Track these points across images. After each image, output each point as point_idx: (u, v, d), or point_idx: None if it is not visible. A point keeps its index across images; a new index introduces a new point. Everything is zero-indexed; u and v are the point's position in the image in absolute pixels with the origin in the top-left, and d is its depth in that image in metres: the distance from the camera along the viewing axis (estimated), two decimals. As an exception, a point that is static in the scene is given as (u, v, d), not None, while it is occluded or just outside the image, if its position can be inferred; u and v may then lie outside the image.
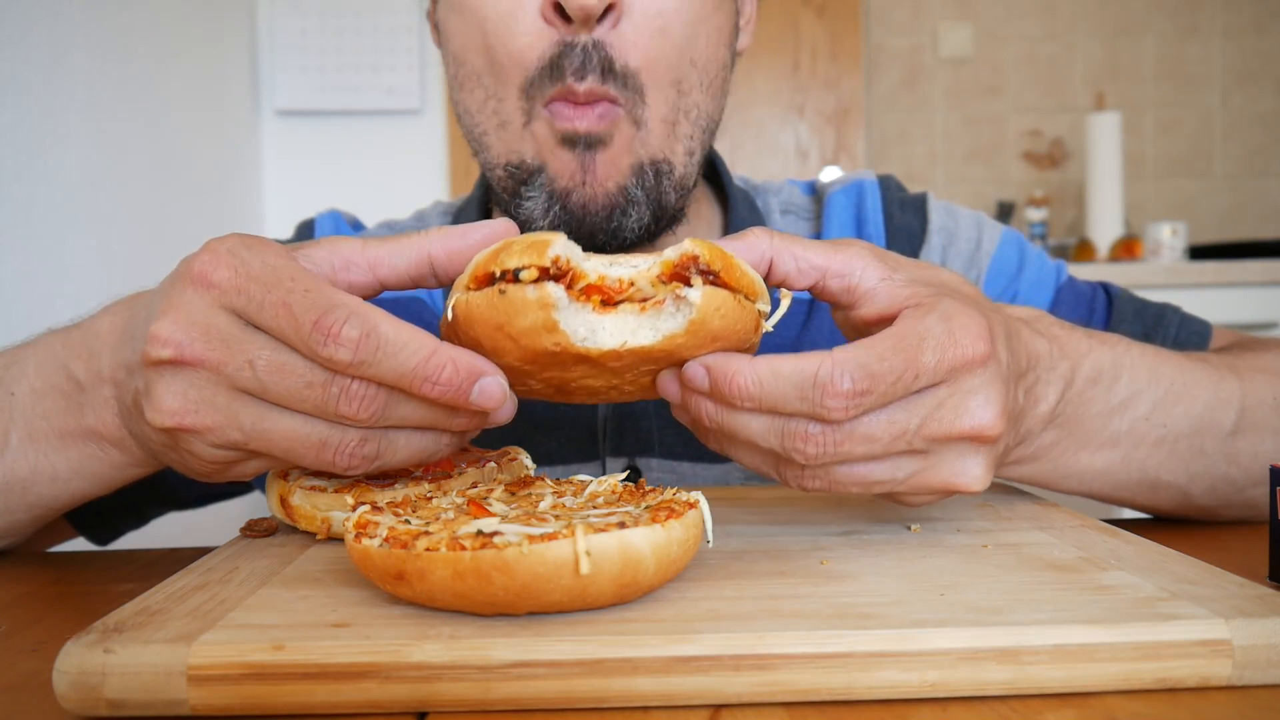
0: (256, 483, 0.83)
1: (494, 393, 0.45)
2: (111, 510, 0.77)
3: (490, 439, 0.77)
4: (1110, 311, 0.81)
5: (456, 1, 0.69)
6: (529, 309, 0.42)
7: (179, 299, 0.45)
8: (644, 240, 0.71)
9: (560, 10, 0.65)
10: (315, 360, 0.43)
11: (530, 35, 0.66)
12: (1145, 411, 0.60)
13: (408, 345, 0.43)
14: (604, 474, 0.76)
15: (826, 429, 0.45)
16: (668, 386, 0.48)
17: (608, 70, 0.66)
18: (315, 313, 0.42)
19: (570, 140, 0.67)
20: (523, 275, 0.42)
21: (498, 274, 0.43)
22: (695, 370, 0.46)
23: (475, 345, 0.45)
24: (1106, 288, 0.83)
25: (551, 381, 0.48)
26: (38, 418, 0.56)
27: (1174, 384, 0.61)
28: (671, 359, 0.46)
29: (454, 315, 0.45)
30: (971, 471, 0.47)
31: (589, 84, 0.66)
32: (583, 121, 0.67)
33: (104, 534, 0.78)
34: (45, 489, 0.58)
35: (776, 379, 0.44)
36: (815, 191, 0.90)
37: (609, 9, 0.65)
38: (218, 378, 0.44)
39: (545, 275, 0.42)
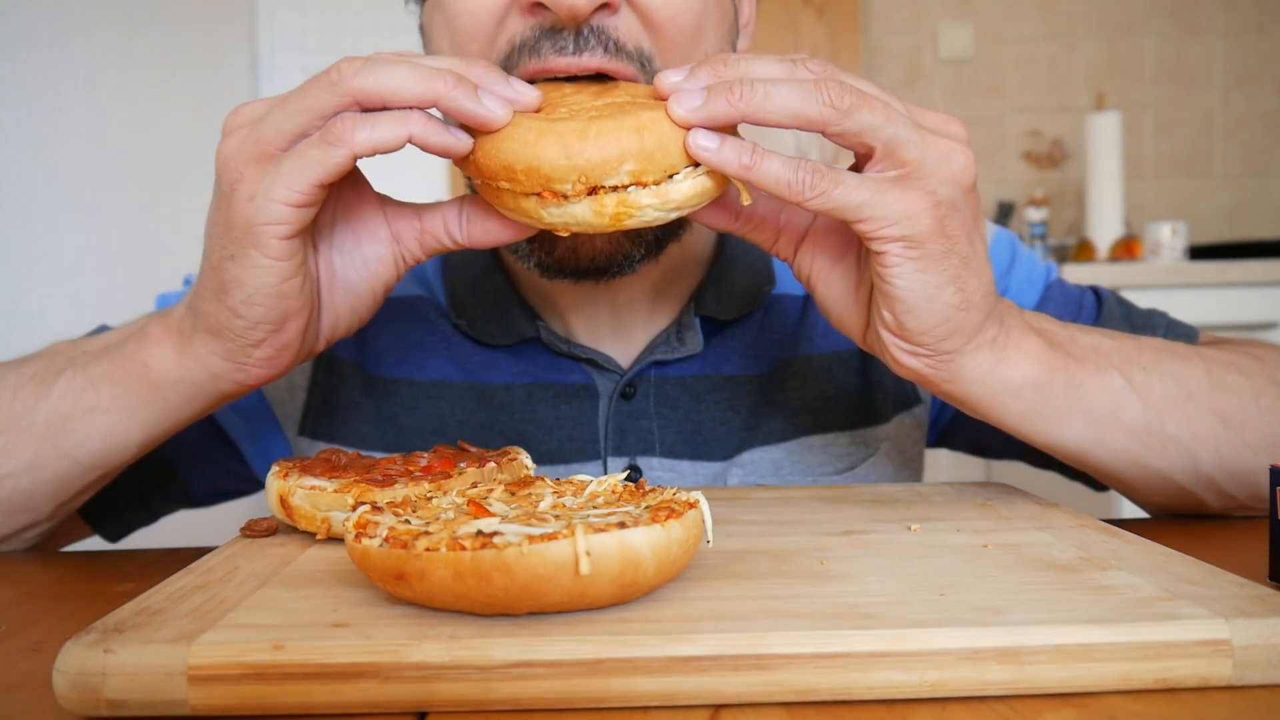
0: (256, 456, 0.83)
1: (526, 85, 0.52)
2: (122, 503, 0.77)
3: (491, 439, 0.77)
4: (1099, 312, 0.81)
5: (439, 3, 0.67)
6: None
7: None
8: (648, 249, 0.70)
9: (542, 6, 0.60)
10: None
11: (505, 28, 0.63)
12: (1115, 355, 0.61)
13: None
14: (605, 473, 0.76)
15: (823, 63, 0.50)
16: (675, 73, 0.51)
17: (611, 47, 0.61)
18: None
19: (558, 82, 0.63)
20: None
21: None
22: (687, 80, 0.51)
23: None
24: (1096, 290, 0.84)
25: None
26: (97, 357, 0.61)
27: (1126, 339, 0.63)
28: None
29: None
30: (951, 132, 0.52)
31: (588, 59, 0.61)
32: (575, 66, 0.62)
33: (114, 529, 0.79)
34: (82, 424, 0.60)
35: (750, 54, 0.51)
36: None
37: (603, 5, 0.60)
38: (267, 105, 0.52)
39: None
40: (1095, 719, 0.35)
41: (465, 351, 0.79)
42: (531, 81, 0.61)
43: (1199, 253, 2.64)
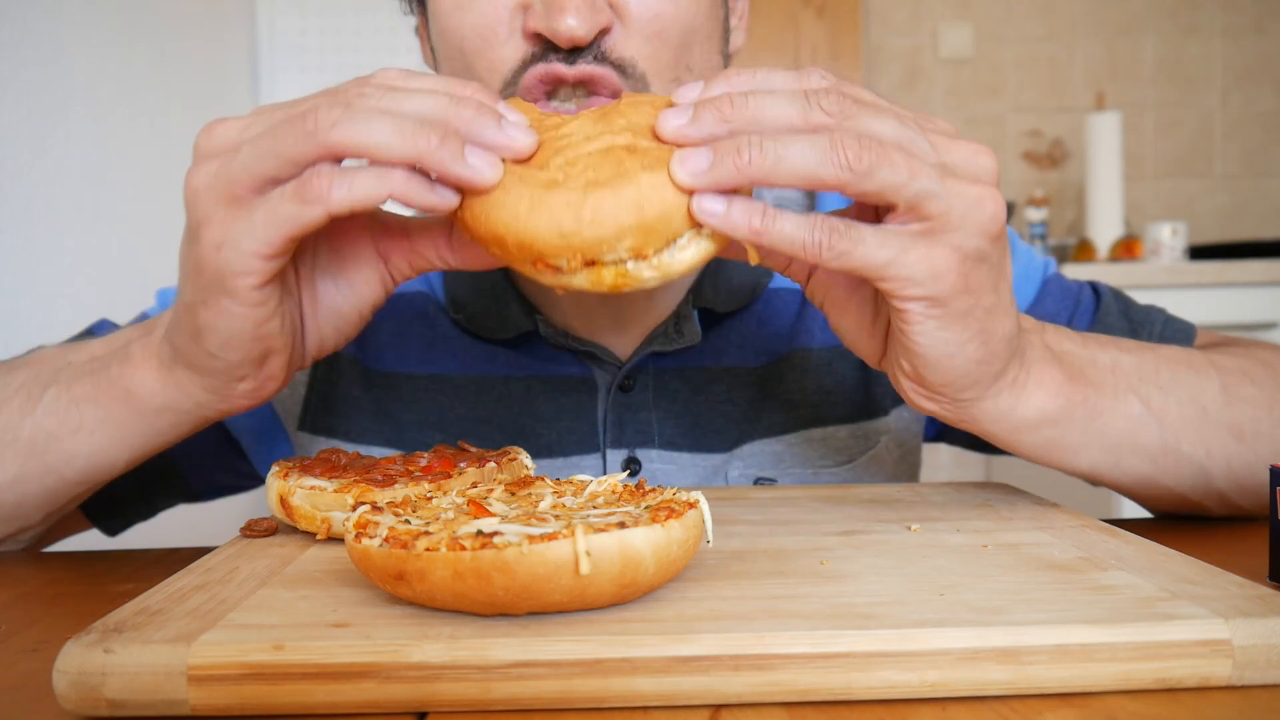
0: (257, 452, 0.83)
1: (517, 113, 0.49)
2: (122, 498, 0.77)
3: (491, 433, 0.77)
4: (1096, 308, 0.81)
5: (439, 26, 0.68)
6: None
7: None
8: None
9: (542, 35, 0.62)
10: (363, 85, 0.48)
11: (508, 47, 0.64)
12: (1134, 373, 0.60)
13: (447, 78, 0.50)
14: (604, 465, 0.76)
15: (838, 93, 0.46)
16: (677, 115, 0.47)
17: (603, 58, 0.63)
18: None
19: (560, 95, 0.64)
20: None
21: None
22: (687, 91, 0.48)
23: None
24: (1095, 286, 0.84)
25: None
26: (83, 375, 0.60)
27: (1144, 354, 0.61)
28: None
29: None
30: (978, 169, 0.48)
31: (580, 68, 0.63)
32: (574, 80, 0.63)
33: (114, 523, 0.79)
34: (67, 444, 0.59)
35: (761, 70, 0.48)
36: None
37: (601, 31, 0.62)
38: (245, 129, 0.49)
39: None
40: (1095, 719, 0.35)
41: (464, 346, 0.79)
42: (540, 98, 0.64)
43: (1199, 253, 2.64)
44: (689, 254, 0.47)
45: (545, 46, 0.63)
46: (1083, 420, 0.57)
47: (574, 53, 0.63)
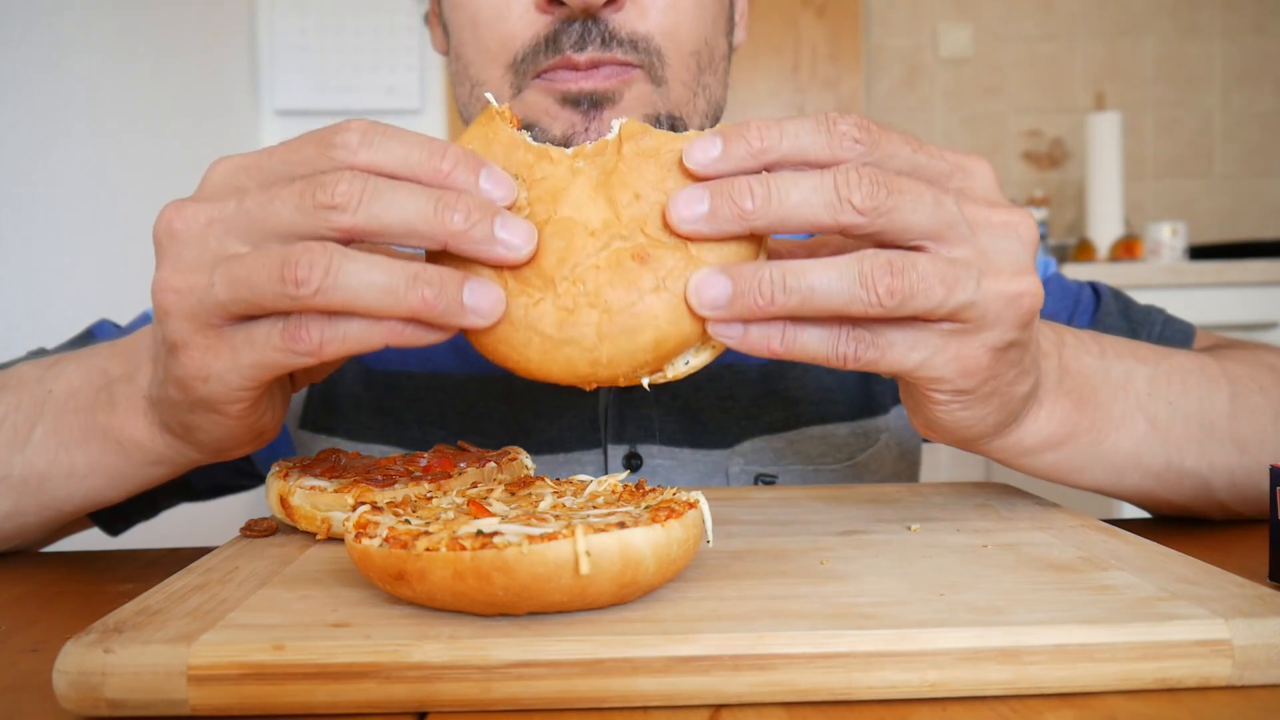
0: (258, 451, 0.83)
1: (502, 179, 0.44)
2: (124, 500, 0.77)
3: (492, 429, 0.77)
4: (1096, 308, 0.81)
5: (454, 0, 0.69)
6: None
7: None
8: None
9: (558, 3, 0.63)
10: (323, 156, 0.43)
11: (522, 21, 0.64)
12: (1145, 387, 0.59)
13: (415, 135, 0.43)
14: (605, 460, 0.76)
15: (870, 169, 0.42)
16: (691, 205, 0.43)
17: (610, 39, 0.63)
18: (321, 130, 0.44)
19: (573, 100, 0.64)
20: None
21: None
22: (705, 146, 0.43)
23: None
24: (1094, 286, 0.84)
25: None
26: (67, 413, 0.57)
27: (1159, 364, 0.61)
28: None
29: None
30: (1017, 255, 0.45)
31: (590, 53, 0.63)
32: (588, 81, 0.64)
33: (116, 523, 0.79)
34: (60, 485, 0.58)
35: (785, 123, 0.43)
36: None
37: (610, 1, 0.63)
38: (210, 229, 0.44)
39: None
40: (1095, 719, 0.35)
41: (464, 343, 0.79)
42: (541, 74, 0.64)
43: (1199, 253, 2.64)
44: (701, 358, 0.47)
45: (558, 25, 0.63)
46: (1088, 444, 0.57)
47: (584, 36, 0.63)
